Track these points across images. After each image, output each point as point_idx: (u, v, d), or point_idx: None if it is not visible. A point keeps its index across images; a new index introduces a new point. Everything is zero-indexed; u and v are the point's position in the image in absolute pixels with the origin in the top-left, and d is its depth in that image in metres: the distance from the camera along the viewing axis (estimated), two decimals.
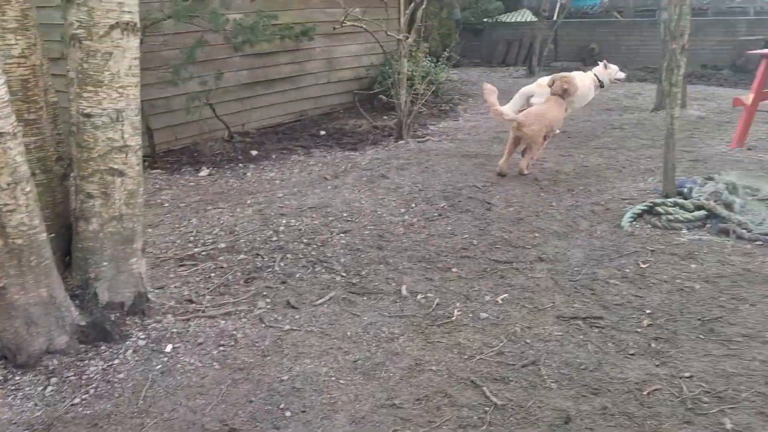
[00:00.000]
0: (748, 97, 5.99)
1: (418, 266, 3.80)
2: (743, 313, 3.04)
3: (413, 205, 4.89)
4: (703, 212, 4.15)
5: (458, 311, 3.22)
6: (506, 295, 3.38)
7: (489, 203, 4.87)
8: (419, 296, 3.41)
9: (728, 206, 4.14)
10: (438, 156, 6.35)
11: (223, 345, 2.96)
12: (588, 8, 14.64)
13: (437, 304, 3.30)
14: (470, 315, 3.18)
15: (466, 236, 4.24)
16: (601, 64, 6.66)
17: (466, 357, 2.79)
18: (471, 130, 7.72)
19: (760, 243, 3.80)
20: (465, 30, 14.52)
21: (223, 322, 3.17)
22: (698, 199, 4.26)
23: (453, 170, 5.80)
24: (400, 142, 7.02)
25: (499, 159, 6.06)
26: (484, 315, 3.16)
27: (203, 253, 4.06)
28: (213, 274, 3.75)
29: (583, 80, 6.24)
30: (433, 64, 9.26)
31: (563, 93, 5.67)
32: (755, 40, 11.05)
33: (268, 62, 7.80)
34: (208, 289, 3.55)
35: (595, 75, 6.52)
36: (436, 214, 4.68)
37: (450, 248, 4.05)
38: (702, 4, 15.07)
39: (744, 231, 3.91)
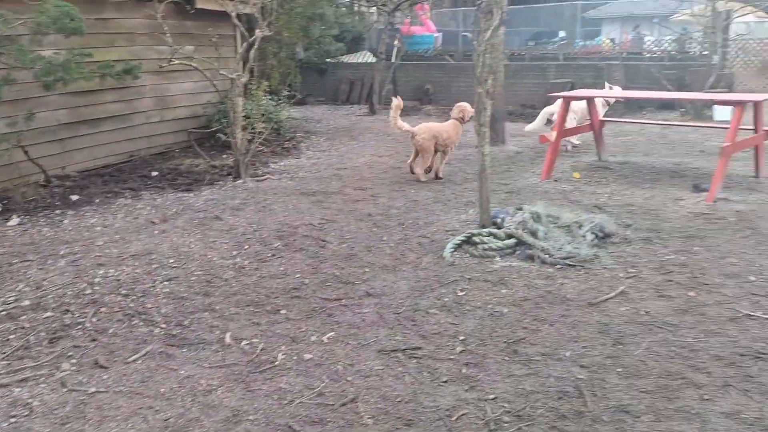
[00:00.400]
0: (552, 134, 6.71)
1: (246, 311, 3.72)
2: (543, 332, 3.33)
3: (246, 247, 4.80)
4: (513, 240, 4.53)
5: (282, 355, 3.18)
6: (332, 333, 3.41)
7: (324, 240, 4.92)
8: (244, 343, 3.32)
9: (533, 234, 4.55)
10: (276, 194, 6.33)
11: (15, 416, 2.65)
12: (423, 51, 15.61)
13: (262, 350, 3.24)
14: (294, 357, 3.15)
15: (299, 276, 4.23)
16: (607, 85, 8.59)
17: (286, 402, 2.75)
18: (312, 167, 7.81)
19: (560, 266, 4.22)
20: (309, 69, 14.82)
21: (17, 390, 2.85)
22: (509, 228, 4.64)
23: (290, 209, 5.81)
24: (238, 181, 6.90)
25: (338, 195, 6.28)
26: (308, 356, 3.16)
27: (2, 313, 3.64)
28: (12, 336, 3.37)
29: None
30: (274, 103, 9.29)
31: (461, 119, 6.91)
32: (564, 82, 12.46)
33: (92, 100, 7.35)
34: (4, 353, 3.18)
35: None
36: (269, 255, 4.63)
37: (281, 289, 4.02)
38: (521, 50, 16.77)
39: (546, 256, 4.32)
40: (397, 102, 6.80)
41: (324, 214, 5.63)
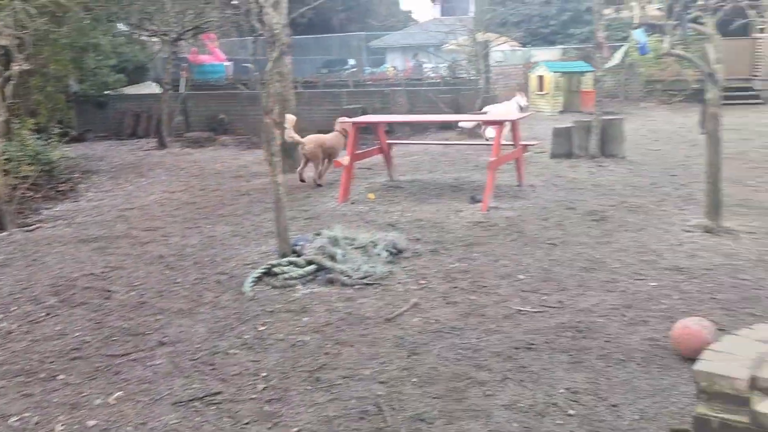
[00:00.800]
0: (345, 159, 6.96)
1: (15, 382, 3.24)
2: (344, 355, 3.39)
3: (14, 309, 4.21)
4: (313, 266, 4.57)
5: (61, 426, 2.82)
6: (120, 392, 3.11)
7: (109, 291, 4.51)
8: (12, 419, 2.88)
9: (332, 258, 4.64)
10: (50, 245, 5.66)
11: None
12: (214, 80, 15.26)
13: (36, 424, 2.84)
14: (76, 426, 2.81)
15: (79, 334, 3.80)
16: (518, 94, 11.37)
17: None
18: (93, 210, 7.13)
19: (359, 287, 4.35)
20: (86, 103, 13.63)
21: None
22: (308, 255, 4.68)
23: (68, 259, 5.23)
24: (2, 234, 6.04)
25: (124, 239, 5.85)
26: (92, 423, 2.83)
27: None
28: None
29: (511, 105, 10.95)
30: (43, 142, 8.35)
31: (344, 132, 7.80)
32: (356, 108, 13.05)
33: None
34: None
35: (518, 102, 10.96)
36: (42, 315, 4.10)
37: (58, 352, 3.57)
38: (315, 77, 17.26)
39: (346, 278, 4.43)
40: (291, 117, 7.92)
41: (108, 261, 5.16)
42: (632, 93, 17.41)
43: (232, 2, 11.45)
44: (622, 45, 16.46)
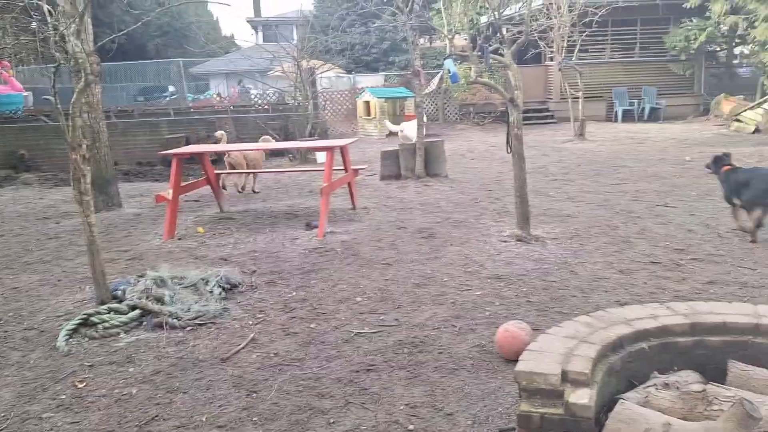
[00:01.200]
0: (169, 192, 6.58)
1: None
2: (177, 403, 3.16)
3: None
4: (137, 312, 4.23)
5: None
6: None
7: None
8: None
9: (159, 300, 4.34)
10: None
11: None
12: (11, 112, 13.63)
13: None
14: None
15: None
16: (413, 120, 11.09)
17: None
18: None
19: (190, 328, 4.11)
20: None
21: None
22: (132, 299, 4.32)
23: None
24: None
25: None
26: None
27: None
28: None
29: (412, 126, 10.71)
30: None
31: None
32: (178, 137, 12.45)
33: None
34: None
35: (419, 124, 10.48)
36: None
37: None
38: (130, 106, 16.19)
39: (175, 321, 4.15)
40: (221, 133, 9.85)
41: None
42: (449, 116, 18.84)
43: (30, 28, 10.37)
44: (437, 72, 17.74)
